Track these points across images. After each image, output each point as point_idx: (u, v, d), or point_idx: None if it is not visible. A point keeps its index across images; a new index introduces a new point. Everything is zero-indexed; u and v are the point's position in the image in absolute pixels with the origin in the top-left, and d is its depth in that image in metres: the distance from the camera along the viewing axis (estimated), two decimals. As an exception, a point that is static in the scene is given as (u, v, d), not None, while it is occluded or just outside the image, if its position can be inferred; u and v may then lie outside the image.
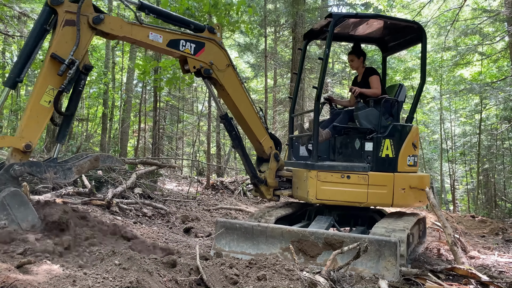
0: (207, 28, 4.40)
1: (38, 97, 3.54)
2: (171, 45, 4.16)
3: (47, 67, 3.59)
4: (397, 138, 4.75)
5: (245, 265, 3.19)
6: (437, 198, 19.39)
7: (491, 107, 16.54)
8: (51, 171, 3.57)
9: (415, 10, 12.93)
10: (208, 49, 4.39)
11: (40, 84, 3.57)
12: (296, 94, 5.79)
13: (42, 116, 3.59)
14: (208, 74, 4.40)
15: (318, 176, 4.57)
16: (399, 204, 4.67)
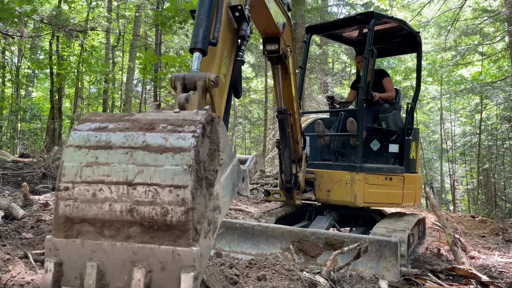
0: (287, 4, 3.51)
1: (218, 71, 2.38)
2: (275, 17, 3.24)
3: (224, 27, 2.36)
4: (416, 141, 4.95)
5: (245, 265, 3.19)
6: (437, 198, 19.38)
7: (491, 107, 16.55)
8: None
9: (415, 10, 12.94)
10: (287, 30, 3.59)
11: (219, 54, 2.36)
12: (301, 89, 5.71)
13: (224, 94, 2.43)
14: (286, 58, 3.66)
15: (366, 178, 4.35)
16: (417, 203, 4.88)
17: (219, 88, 2.22)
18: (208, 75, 1.93)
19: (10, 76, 15.47)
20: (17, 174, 6.71)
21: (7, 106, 15.22)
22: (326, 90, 16.28)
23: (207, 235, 1.50)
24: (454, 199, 18.19)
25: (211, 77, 1.93)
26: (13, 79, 15.11)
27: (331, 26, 5.42)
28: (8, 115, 15.37)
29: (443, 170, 20.03)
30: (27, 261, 3.18)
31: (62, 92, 14.99)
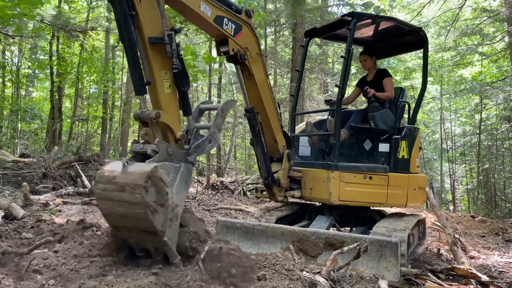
0: (245, 11, 4.04)
1: (162, 89, 3.16)
2: (216, 21, 3.75)
3: (152, 56, 3.10)
4: (410, 140, 4.81)
5: (246, 265, 3.18)
6: (437, 198, 19.39)
7: (491, 107, 16.55)
8: (206, 143, 3.44)
9: (415, 10, 12.94)
10: (245, 34, 4.04)
11: (157, 75, 3.13)
12: (298, 92, 5.76)
13: (173, 104, 3.26)
14: (244, 60, 4.06)
15: (341, 176, 4.44)
16: (411, 204, 4.72)
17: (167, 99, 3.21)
18: (150, 114, 3.07)
19: (10, 76, 15.47)
20: (17, 174, 6.71)
21: (7, 106, 15.21)
22: (326, 90, 16.28)
23: (171, 225, 2.91)
24: (454, 199, 18.19)
25: (152, 115, 3.06)
26: (13, 79, 15.11)
27: (327, 29, 5.41)
28: (8, 115, 15.37)
29: (443, 170, 20.03)
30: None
31: (62, 92, 14.99)
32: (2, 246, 3.23)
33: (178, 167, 3.10)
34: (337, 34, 5.63)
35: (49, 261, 3.25)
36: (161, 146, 3.07)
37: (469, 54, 14.43)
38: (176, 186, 3.02)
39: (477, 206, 18.39)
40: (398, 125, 4.88)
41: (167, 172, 2.92)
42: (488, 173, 17.77)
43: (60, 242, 3.94)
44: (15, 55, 16.01)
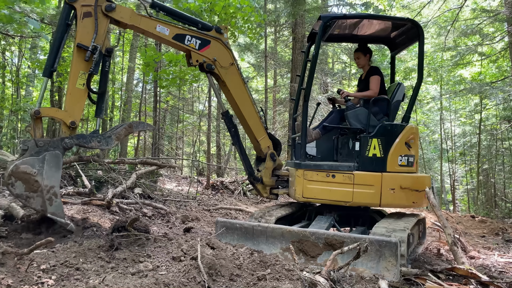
0: (215, 28, 4.75)
1: (73, 82, 4.09)
2: (176, 39, 4.55)
3: (76, 56, 4.12)
4: (386, 138, 4.67)
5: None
6: (437, 198, 19.39)
7: (491, 108, 16.55)
8: (95, 140, 4.17)
9: (415, 10, 12.94)
10: (213, 47, 4.72)
11: (73, 71, 4.11)
12: (298, 96, 5.81)
13: (80, 97, 4.18)
14: (210, 69, 4.72)
15: (304, 174, 4.69)
16: (389, 204, 4.61)
17: (76, 94, 4.14)
18: (30, 112, 3.97)
19: (10, 76, 15.47)
20: (17, 174, 6.69)
21: (7, 107, 15.20)
22: (326, 90, 16.28)
23: (52, 202, 3.82)
24: (454, 199, 18.18)
25: (31, 112, 3.96)
26: (13, 79, 15.10)
27: (322, 33, 5.41)
28: (8, 115, 15.36)
29: (443, 170, 20.03)
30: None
31: (62, 92, 14.98)
32: (2, 246, 3.23)
33: (42, 157, 3.81)
34: (338, 35, 5.64)
35: (49, 261, 3.26)
36: (27, 143, 3.86)
37: (468, 54, 14.42)
38: (45, 173, 3.81)
39: (477, 206, 18.39)
40: (375, 123, 4.79)
41: (31, 165, 3.75)
42: (488, 173, 17.77)
43: (60, 242, 3.94)
44: (15, 55, 16.01)
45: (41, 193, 3.77)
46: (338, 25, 5.17)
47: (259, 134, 5.07)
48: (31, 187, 3.72)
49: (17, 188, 3.71)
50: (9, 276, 2.83)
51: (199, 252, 3.18)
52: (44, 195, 3.79)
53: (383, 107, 5.03)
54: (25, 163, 3.73)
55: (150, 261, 3.41)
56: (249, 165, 5.14)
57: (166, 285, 2.76)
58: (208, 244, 3.71)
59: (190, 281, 2.85)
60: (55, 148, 3.95)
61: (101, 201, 5.95)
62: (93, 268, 3.22)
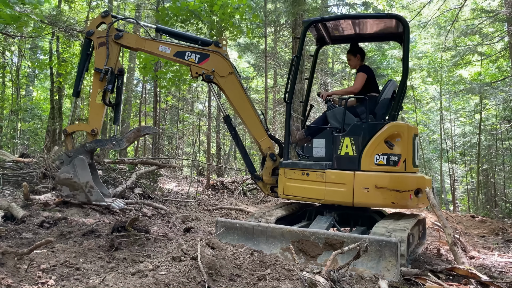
0: (214, 43, 5.25)
1: (94, 99, 5.07)
2: (177, 55, 5.20)
3: (94, 78, 5.10)
4: (360, 136, 4.58)
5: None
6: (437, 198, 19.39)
7: (491, 108, 16.56)
8: (110, 143, 5.05)
9: (415, 10, 12.94)
10: (212, 59, 5.20)
11: (93, 90, 5.11)
12: (307, 99, 5.97)
13: (99, 110, 5.10)
14: (209, 79, 5.21)
15: (285, 173, 4.89)
16: (362, 203, 4.51)
17: (96, 108, 5.08)
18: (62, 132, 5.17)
19: (10, 76, 15.47)
20: (17, 174, 6.71)
21: (7, 107, 15.21)
22: (326, 90, 16.29)
23: (92, 193, 4.82)
24: (454, 199, 18.18)
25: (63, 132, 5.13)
26: (13, 79, 15.11)
27: (326, 35, 5.58)
28: (8, 115, 15.37)
29: (443, 170, 20.03)
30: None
31: (62, 92, 14.99)
32: (2, 246, 3.23)
33: (72, 163, 4.83)
34: (341, 36, 5.63)
35: (49, 261, 3.26)
36: (61, 157, 5.02)
37: (468, 54, 14.42)
38: (78, 174, 4.81)
39: (477, 206, 18.39)
40: (351, 122, 4.75)
41: (67, 172, 4.83)
42: (488, 173, 17.77)
43: (60, 242, 3.95)
44: (15, 55, 16.02)
45: (82, 189, 4.77)
46: (335, 27, 5.18)
47: (259, 136, 5.31)
48: (73, 187, 4.79)
49: (64, 191, 4.85)
50: (9, 276, 2.83)
51: (199, 252, 3.18)
52: (84, 190, 4.78)
53: (371, 105, 4.95)
54: (62, 171, 4.86)
55: (150, 261, 3.42)
56: (250, 164, 5.44)
57: (166, 285, 2.76)
58: (208, 244, 3.71)
59: (190, 281, 2.85)
60: (79, 153, 4.90)
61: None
62: (93, 268, 3.22)
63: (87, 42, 5.20)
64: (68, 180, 4.79)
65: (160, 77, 9.33)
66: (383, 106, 4.96)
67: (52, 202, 5.65)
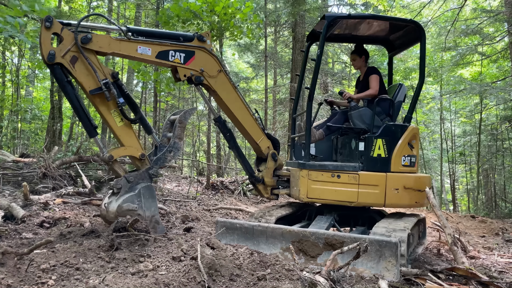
0: (196, 37, 4.53)
1: (114, 124, 4.14)
2: (160, 57, 4.33)
3: (97, 103, 4.03)
4: (391, 138, 4.70)
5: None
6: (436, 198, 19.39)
7: (491, 107, 16.56)
8: (168, 155, 4.41)
9: (415, 10, 12.94)
10: (198, 57, 4.52)
11: (106, 116, 4.10)
12: (298, 96, 5.81)
13: (128, 131, 4.24)
14: (200, 81, 4.55)
15: (309, 175, 4.66)
16: (392, 204, 4.63)
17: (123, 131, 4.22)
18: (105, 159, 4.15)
19: (10, 76, 15.47)
20: (17, 173, 6.71)
21: (7, 107, 15.20)
22: (326, 90, 16.29)
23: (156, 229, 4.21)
24: (454, 199, 18.17)
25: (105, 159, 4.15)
26: (13, 79, 15.10)
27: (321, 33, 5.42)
28: (8, 116, 15.37)
29: (443, 170, 20.02)
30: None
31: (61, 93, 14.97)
32: (2, 246, 3.23)
33: (138, 192, 4.11)
34: (337, 35, 5.63)
35: (49, 261, 3.26)
36: (120, 182, 4.14)
37: (469, 54, 14.42)
38: (144, 206, 4.16)
39: (477, 206, 18.39)
40: (379, 123, 4.81)
41: (131, 201, 4.07)
42: (488, 173, 17.76)
43: (60, 242, 3.95)
44: (15, 55, 16.02)
45: (146, 222, 4.17)
46: (339, 25, 5.18)
47: (257, 137, 5.01)
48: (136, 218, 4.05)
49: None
50: (9, 276, 2.83)
51: (199, 252, 3.18)
52: (148, 224, 4.18)
53: (385, 107, 5.04)
54: (126, 201, 4.07)
55: (150, 261, 3.41)
56: (248, 166, 5.11)
57: (166, 285, 2.76)
58: (208, 244, 3.71)
59: (190, 281, 2.85)
60: (143, 179, 4.24)
61: (101, 201, 5.94)
62: (93, 268, 3.22)
63: (55, 70, 3.88)
64: (131, 212, 4.11)
65: (160, 80, 9.32)
66: (398, 108, 5.13)
67: (52, 202, 5.65)
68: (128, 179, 4.15)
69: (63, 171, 7.15)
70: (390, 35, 5.58)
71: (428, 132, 23.57)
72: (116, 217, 4.08)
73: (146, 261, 3.44)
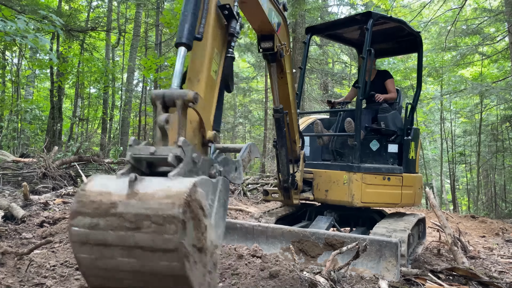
0: (283, 4, 3.64)
1: (209, 68, 2.39)
2: (269, 15, 3.32)
3: (213, 24, 2.41)
4: (416, 141, 4.96)
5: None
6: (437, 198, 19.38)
7: (492, 107, 16.56)
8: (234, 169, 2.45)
9: (415, 10, 12.94)
10: (282, 29, 3.71)
11: (209, 50, 2.39)
12: (301, 90, 5.74)
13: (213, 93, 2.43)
14: (282, 57, 3.72)
15: (363, 178, 4.39)
16: (416, 202, 4.85)
17: (210, 85, 2.33)
18: (186, 95, 1.88)
19: (10, 76, 15.47)
20: (17, 173, 6.71)
21: (8, 107, 15.20)
22: (326, 90, 16.28)
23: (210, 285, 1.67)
24: (454, 199, 18.18)
25: (188, 97, 1.87)
26: (13, 79, 15.11)
27: (331, 27, 5.42)
28: (8, 116, 15.37)
29: (443, 170, 20.02)
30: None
31: (62, 92, 14.99)
32: (2, 246, 3.23)
33: (216, 182, 1.96)
34: (338, 34, 5.63)
35: (49, 261, 3.26)
36: (187, 148, 1.86)
37: (469, 54, 14.42)
38: (214, 215, 1.89)
39: (477, 206, 18.39)
40: (411, 126, 4.99)
41: (206, 192, 1.77)
42: (488, 173, 17.76)
43: (60, 242, 3.95)
44: (15, 55, 16.02)
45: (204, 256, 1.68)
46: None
47: (296, 133, 4.37)
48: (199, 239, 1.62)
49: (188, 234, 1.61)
50: (9, 276, 2.83)
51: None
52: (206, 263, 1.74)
53: (405, 111, 5.21)
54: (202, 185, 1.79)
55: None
56: (289, 169, 4.40)
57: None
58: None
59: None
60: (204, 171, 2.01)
61: (101, 201, 5.94)
62: (93, 268, 3.22)
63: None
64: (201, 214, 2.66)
65: (161, 79, 9.34)
66: (412, 113, 5.24)
67: (52, 202, 5.65)
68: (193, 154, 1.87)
69: (63, 171, 7.16)
70: (379, 41, 5.71)
71: (428, 133, 23.57)
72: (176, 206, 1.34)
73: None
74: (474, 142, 18.11)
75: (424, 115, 22.71)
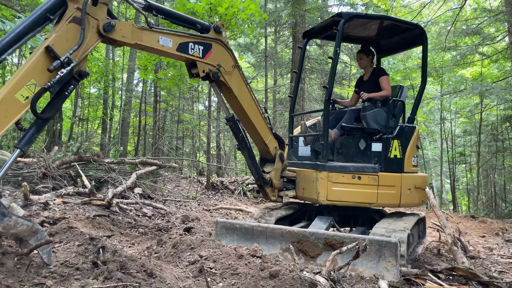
0: (213, 27, 4.14)
1: (15, 89, 2.83)
2: (180, 50, 3.89)
3: (37, 59, 2.96)
4: (404, 139, 4.79)
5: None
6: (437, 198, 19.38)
7: (492, 107, 16.56)
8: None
9: (415, 10, 12.94)
10: (215, 51, 4.14)
11: (23, 76, 2.88)
12: (296, 93, 5.79)
13: (12, 111, 2.82)
14: (217, 77, 4.16)
15: (329, 176, 4.50)
16: (406, 203, 4.70)
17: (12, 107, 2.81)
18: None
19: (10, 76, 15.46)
20: (17, 173, 6.71)
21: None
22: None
23: None
24: (454, 199, 18.17)
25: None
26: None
27: (323, 30, 5.41)
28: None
29: (443, 170, 20.02)
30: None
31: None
32: (2, 246, 3.23)
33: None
34: (334, 34, 5.63)
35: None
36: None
37: (469, 54, 14.41)
38: None
39: (477, 206, 18.39)
40: (395, 124, 4.87)
41: None
42: (488, 173, 17.76)
43: (60, 242, 3.94)
44: (15, 55, 16.01)
45: None
46: (352, 23, 5.19)
47: (266, 136, 4.76)
48: None
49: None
50: (9, 276, 2.83)
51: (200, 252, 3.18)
52: None
53: (392, 108, 5.09)
54: None
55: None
56: (258, 169, 4.84)
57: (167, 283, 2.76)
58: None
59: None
60: None
61: (101, 201, 5.95)
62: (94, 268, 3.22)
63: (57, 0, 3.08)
64: None
65: (160, 79, 9.33)
66: (400, 109, 5.18)
67: (52, 202, 5.65)
68: None
69: (63, 171, 7.15)
70: (385, 37, 5.65)
71: (428, 133, 23.56)
72: None
73: (146, 261, 3.44)
74: (474, 142, 18.10)
75: (424, 115, 22.69)
